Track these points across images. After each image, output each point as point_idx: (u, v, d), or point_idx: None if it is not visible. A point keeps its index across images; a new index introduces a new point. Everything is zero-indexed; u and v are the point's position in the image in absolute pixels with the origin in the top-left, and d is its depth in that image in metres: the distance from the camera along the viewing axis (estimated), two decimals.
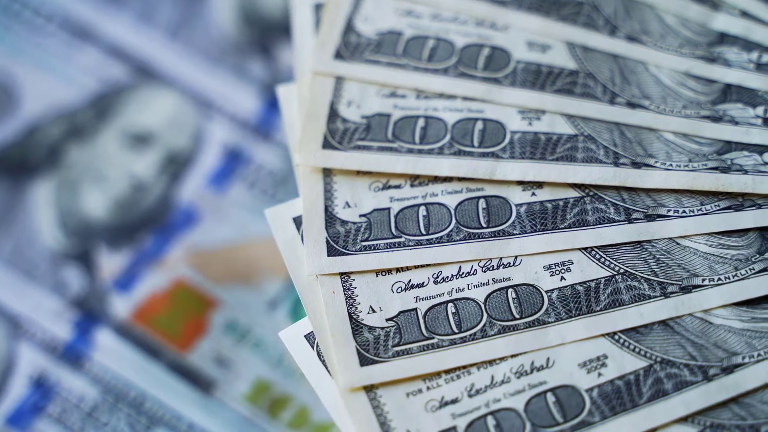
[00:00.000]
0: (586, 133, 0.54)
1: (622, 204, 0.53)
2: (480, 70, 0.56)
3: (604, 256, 0.52)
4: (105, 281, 0.67)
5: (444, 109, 0.56)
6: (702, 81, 0.56)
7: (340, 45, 0.57)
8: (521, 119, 0.55)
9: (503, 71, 0.56)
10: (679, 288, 0.51)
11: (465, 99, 0.56)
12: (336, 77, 0.57)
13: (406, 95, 0.56)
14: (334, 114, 0.56)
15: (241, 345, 0.66)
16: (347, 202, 0.54)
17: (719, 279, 0.51)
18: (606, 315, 0.50)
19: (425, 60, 0.57)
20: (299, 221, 0.54)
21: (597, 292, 0.51)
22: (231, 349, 0.65)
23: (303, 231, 0.53)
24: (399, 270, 0.52)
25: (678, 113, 0.55)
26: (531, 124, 0.55)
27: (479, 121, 0.55)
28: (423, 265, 0.52)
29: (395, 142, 0.55)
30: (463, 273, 0.52)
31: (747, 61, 0.56)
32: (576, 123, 0.55)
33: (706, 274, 0.51)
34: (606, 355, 0.50)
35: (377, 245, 0.53)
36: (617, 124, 0.55)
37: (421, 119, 0.55)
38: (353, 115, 0.56)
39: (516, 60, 0.57)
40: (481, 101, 0.56)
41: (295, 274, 0.52)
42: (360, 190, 0.54)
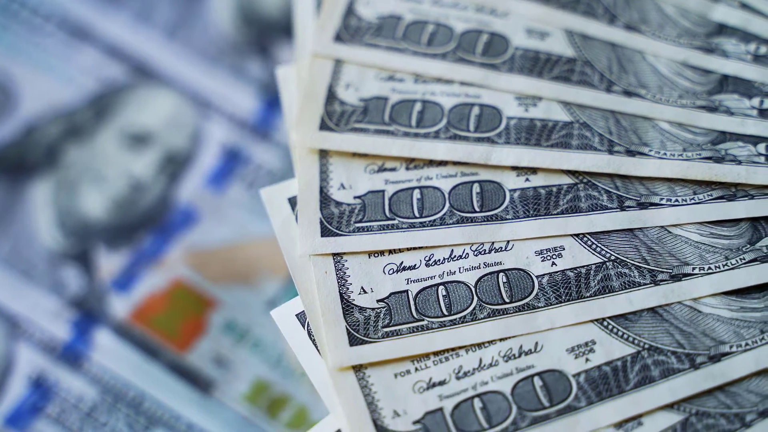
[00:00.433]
0: (581, 121, 0.55)
1: (615, 191, 0.53)
2: (478, 55, 0.57)
3: (595, 242, 0.52)
4: (104, 281, 0.67)
5: (441, 94, 0.56)
6: (699, 71, 0.56)
7: (340, 28, 0.58)
8: (518, 105, 0.55)
9: (501, 57, 0.56)
10: (670, 276, 0.51)
11: (462, 84, 0.56)
12: (335, 60, 0.57)
13: (404, 79, 0.56)
14: (332, 96, 0.56)
15: (240, 345, 0.66)
16: (342, 183, 0.54)
17: (709, 268, 0.51)
18: (595, 301, 0.51)
19: (424, 44, 0.57)
20: (294, 202, 0.54)
21: (587, 278, 0.51)
22: (230, 349, 0.65)
23: (297, 211, 0.53)
24: (391, 252, 0.52)
25: (674, 103, 0.55)
26: (527, 110, 0.55)
27: (476, 107, 0.55)
28: (415, 248, 0.52)
29: (392, 125, 0.55)
30: (455, 256, 0.52)
31: (744, 53, 0.56)
32: (572, 110, 0.55)
33: (696, 262, 0.51)
34: (594, 341, 0.50)
35: (371, 227, 0.53)
36: (613, 112, 0.55)
37: (418, 103, 0.56)
38: (351, 98, 0.56)
39: (514, 46, 0.57)
40: (479, 86, 0.56)
41: (289, 253, 0.53)
42: (355, 172, 0.54)
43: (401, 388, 0.50)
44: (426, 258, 0.52)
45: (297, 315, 0.52)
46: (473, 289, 0.51)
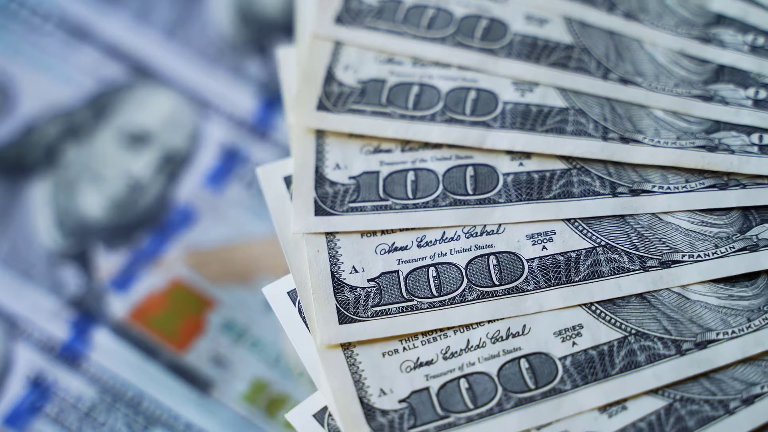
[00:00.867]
0: (577, 107, 0.55)
1: (608, 178, 0.53)
2: (477, 40, 0.57)
3: (586, 227, 0.52)
4: (102, 281, 0.67)
5: (439, 77, 0.56)
6: (696, 61, 0.56)
7: (341, 10, 0.58)
8: (514, 90, 0.55)
9: (500, 42, 0.57)
10: (659, 262, 0.51)
11: (460, 68, 0.56)
12: (335, 42, 0.57)
13: (402, 62, 0.57)
14: (330, 77, 0.56)
15: (239, 344, 0.65)
16: (338, 163, 0.54)
17: (699, 255, 0.51)
18: (584, 285, 0.51)
19: (424, 28, 0.57)
20: (289, 180, 0.54)
21: (577, 262, 0.51)
22: (228, 349, 0.65)
23: (292, 190, 0.54)
24: (384, 232, 0.53)
25: (669, 91, 0.55)
26: (523, 95, 0.55)
27: (473, 91, 0.56)
28: (407, 229, 0.53)
29: (389, 107, 0.55)
30: (447, 238, 0.52)
31: (742, 43, 0.56)
32: (568, 96, 0.55)
33: (686, 250, 0.51)
34: (581, 325, 0.50)
35: (364, 207, 0.53)
36: (609, 99, 0.55)
37: (416, 86, 0.56)
38: (349, 79, 0.56)
39: (513, 32, 0.57)
40: (476, 71, 0.56)
41: (282, 231, 0.53)
42: (351, 152, 0.55)
43: (389, 367, 0.50)
44: (418, 239, 0.53)
45: (288, 292, 0.52)
46: (463, 271, 0.52)
